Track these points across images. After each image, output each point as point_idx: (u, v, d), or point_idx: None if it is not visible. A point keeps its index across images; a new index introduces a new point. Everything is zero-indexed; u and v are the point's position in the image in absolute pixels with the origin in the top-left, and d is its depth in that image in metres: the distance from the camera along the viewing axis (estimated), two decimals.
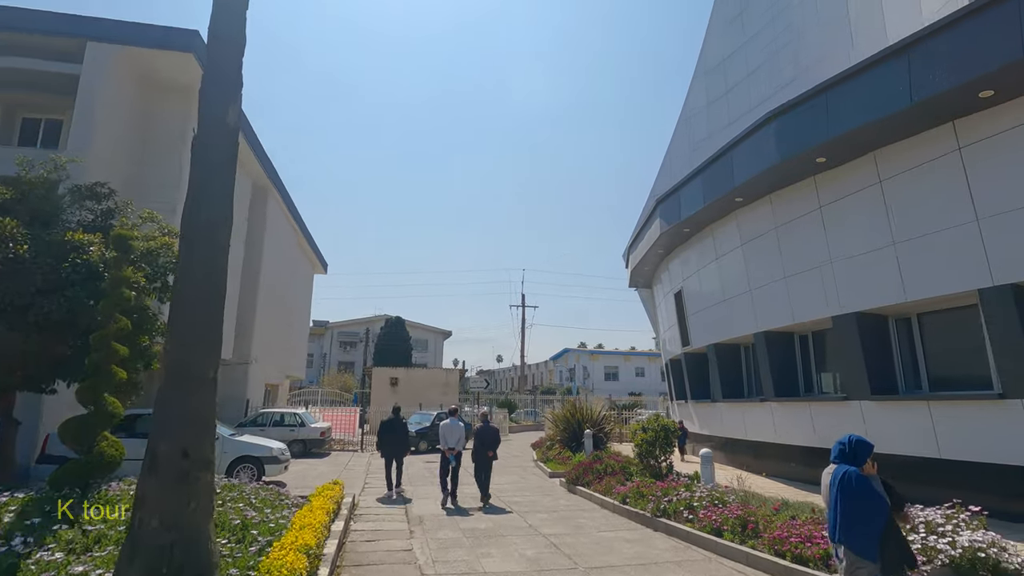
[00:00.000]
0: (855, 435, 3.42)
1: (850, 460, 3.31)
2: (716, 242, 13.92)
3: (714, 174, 12.40)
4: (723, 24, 22.33)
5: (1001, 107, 7.40)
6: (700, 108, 22.99)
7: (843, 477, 3.24)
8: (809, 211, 10.59)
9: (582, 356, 63.88)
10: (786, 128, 9.96)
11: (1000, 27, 6.74)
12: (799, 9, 18.16)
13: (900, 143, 8.76)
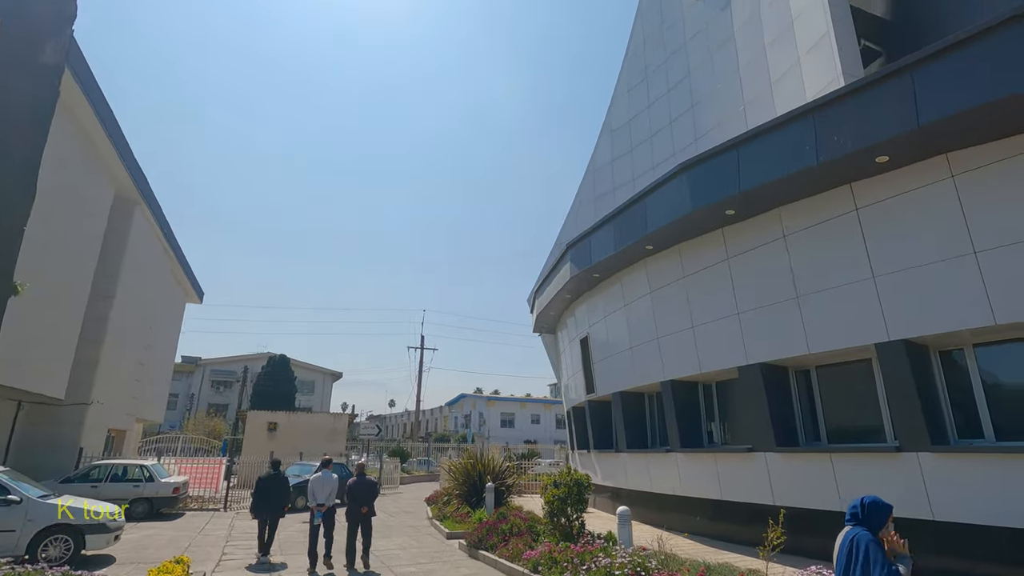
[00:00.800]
0: (871, 496, 2.89)
1: (864, 524, 2.79)
2: (625, 289, 13.92)
3: (626, 221, 12.44)
4: (627, 90, 23.63)
5: (895, 172, 7.92)
6: (606, 163, 23.90)
7: (852, 541, 2.70)
8: (717, 262, 10.80)
9: (479, 402, 62.61)
10: (698, 179, 10.16)
11: (896, 98, 7.22)
12: (697, 82, 19.60)
13: (803, 201, 9.17)
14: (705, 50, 19.29)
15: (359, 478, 9.03)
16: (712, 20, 19.13)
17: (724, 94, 18.04)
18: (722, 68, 18.36)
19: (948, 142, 7.21)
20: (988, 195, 7.04)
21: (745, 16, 17.59)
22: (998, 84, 6.33)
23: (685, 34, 20.52)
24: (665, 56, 21.57)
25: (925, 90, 6.94)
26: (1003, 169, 6.94)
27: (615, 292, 14.39)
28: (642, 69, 22.76)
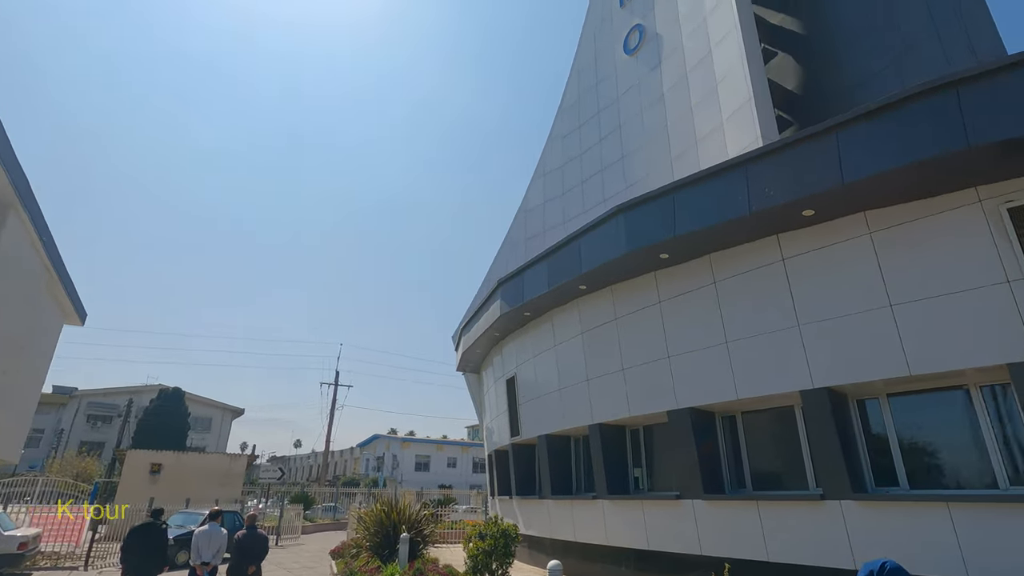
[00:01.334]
0: (892, 563, 2.58)
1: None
2: (556, 329, 13.72)
3: (560, 260, 12.35)
4: (561, 136, 24.27)
5: (820, 226, 8.31)
6: (538, 205, 24.18)
7: None
8: (649, 305, 10.85)
9: (393, 443, 59.88)
10: (634, 222, 10.25)
11: (823, 156, 7.63)
12: (628, 134, 20.45)
13: (734, 248, 9.43)
14: (636, 105, 20.23)
15: (248, 530, 7.98)
16: (644, 78, 20.18)
17: (653, 147, 18.88)
18: (652, 124, 19.27)
19: (867, 200, 7.67)
20: (901, 252, 7.50)
21: (674, 78, 18.67)
22: (910, 149, 6.82)
23: (618, 89, 21.49)
24: (598, 108, 22.44)
25: (849, 150, 7.38)
26: (914, 229, 7.43)
27: (545, 331, 14.16)
28: (576, 119, 23.52)
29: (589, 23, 24.45)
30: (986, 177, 6.84)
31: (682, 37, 18.73)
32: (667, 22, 19.70)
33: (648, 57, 20.25)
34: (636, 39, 21.01)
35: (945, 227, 7.17)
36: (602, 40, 23.17)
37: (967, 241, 6.99)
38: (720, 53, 16.69)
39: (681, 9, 19.10)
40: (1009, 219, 6.75)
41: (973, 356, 6.81)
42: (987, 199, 6.92)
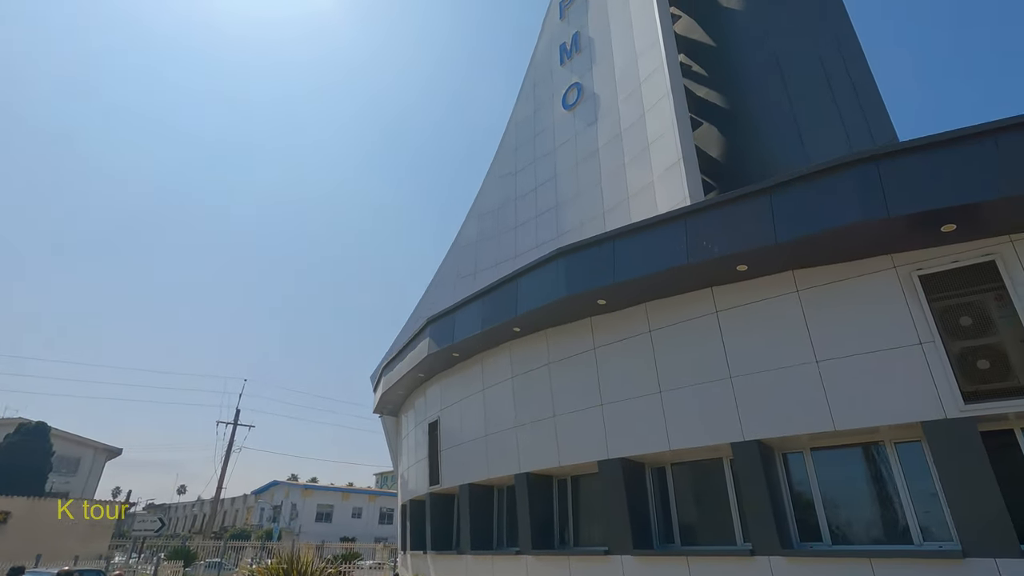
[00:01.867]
0: None
1: None
2: (486, 372, 13.28)
3: (495, 300, 12.07)
4: (498, 178, 24.55)
5: (752, 281, 8.62)
6: (471, 244, 24.02)
7: None
8: (584, 351, 10.74)
9: (293, 491, 55.43)
10: (575, 266, 10.23)
11: (758, 214, 7.98)
12: (562, 184, 20.97)
13: (670, 298, 9.58)
14: (572, 158, 20.89)
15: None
16: (580, 133, 20.96)
17: (586, 199, 19.43)
18: (586, 176, 19.91)
19: (796, 259, 8.06)
20: (826, 311, 7.88)
21: (609, 135, 19.52)
22: (836, 215, 7.27)
23: (555, 141, 22.16)
24: (535, 157, 22.96)
25: (781, 211, 7.77)
26: (838, 289, 7.86)
27: (474, 374, 13.66)
28: (514, 163, 23.91)
29: (530, 76, 25.32)
30: (900, 245, 7.39)
31: (618, 99, 19.74)
32: (604, 84, 20.75)
33: (585, 114, 21.13)
34: (575, 96, 21.92)
35: (865, 290, 7.64)
36: (542, 92, 24.00)
37: (884, 304, 7.46)
38: (653, 117, 17.68)
39: (618, 73, 20.22)
40: (920, 285, 7.29)
41: (890, 413, 7.15)
42: (901, 266, 7.47)
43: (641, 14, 19.79)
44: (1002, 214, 6.64)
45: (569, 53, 23.15)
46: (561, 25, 24.36)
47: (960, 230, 6.92)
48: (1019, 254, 6.78)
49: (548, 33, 25.10)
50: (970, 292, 7.06)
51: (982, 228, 6.88)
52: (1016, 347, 6.72)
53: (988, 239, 6.96)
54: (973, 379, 6.83)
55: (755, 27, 18.46)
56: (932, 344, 7.02)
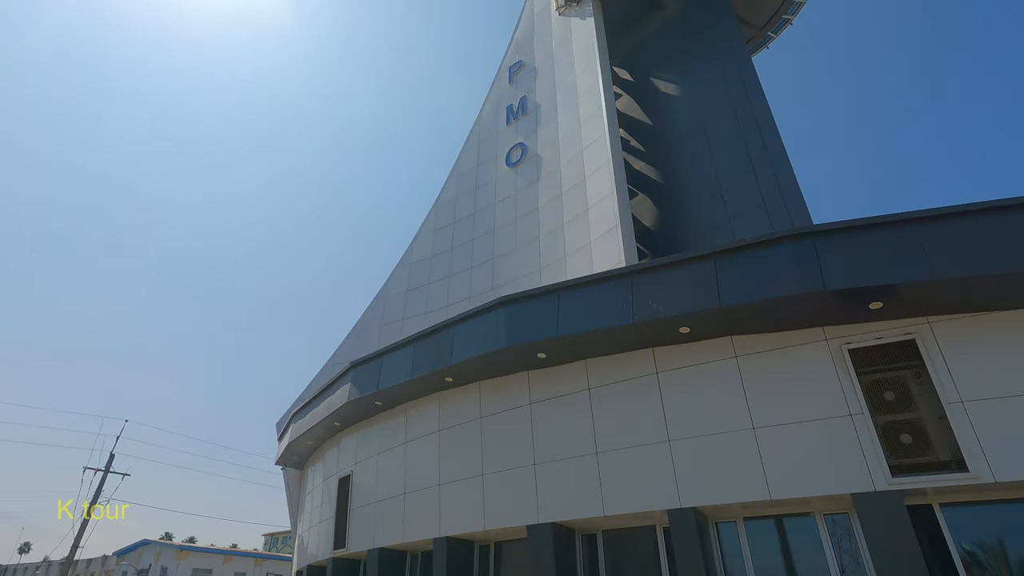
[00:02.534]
0: None
1: None
2: (410, 423, 12.42)
3: (429, 347, 11.47)
4: (434, 229, 24.25)
5: (694, 344, 8.68)
6: (400, 292, 23.26)
7: None
8: (519, 405, 10.30)
9: (165, 552, 48.95)
10: (517, 317, 9.95)
11: (704, 278, 8.14)
12: (501, 238, 21.04)
13: (612, 356, 9.46)
14: (512, 213, 21.10)
15: None
16: (522, 191, 21.32)
17: (524, 254, 19.52)
18: (525, 232, 20.09)
19: (737, 326, 8.23)
20: (763, 378, 8.02)
21: (550, 195, 19.96)
22: (777, 285, 7.54)
23: (496, 196, 22.38)
24: (475, 210, 23.00)
25: (726, 278, 7.97)
26: (774, 358, 8.06)
27: (397, 425, 12.75)
28: (452, 215, 23.80)
29: (475, 132, 25.76)
30: (832, 319, 7.74)
31: (560, 162, 20.39)
32: (548, 147, 21.43)
33: (528, 173, 21.61)
34: (518, 155, 22.44)
35: (800, 360, 7.88)
36: (486, 149, 24.41)
37: (817, 375, 7.69)
38: (594, 182, 18.31)
39: (562, 138, 20.98)
40: (849, 359, 7.60)
41: (822, 484, 7.22)
42: (832, 339, 7.80)
43: (587, 88, 20.86)
44: (922, 296, 7.14)
45: (515, 115, 23.89)
46: (509, 89, 25.23)
47: (886, 308, 7.35)
48: (936, 335, 7.27)
49: (496, 95, 25.89)
50: (893, 368, 7.44)
51: (904, 308, 7.35)
52: (934, 423, 7.06)
53: (910, 319, 7.43)
54: (898, 453, 7.07)
55: (687, 110, 19.98)
56: (861, 416, 7.26)
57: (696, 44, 20.56)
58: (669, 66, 21.33)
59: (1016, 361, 6.68)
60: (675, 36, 21.54)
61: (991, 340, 6.90)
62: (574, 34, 23.11)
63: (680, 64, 20.84)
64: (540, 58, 24.72)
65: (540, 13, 26.18)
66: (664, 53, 21.75)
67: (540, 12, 26.24)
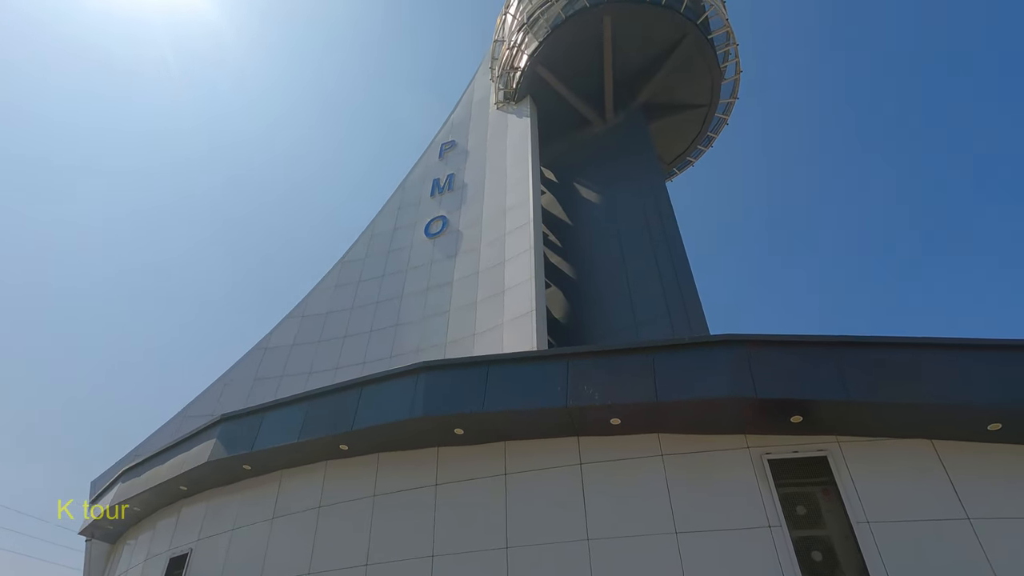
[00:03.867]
0: None
1: None
2: (283, 494, 10.65)
3: (326, 408, 10.20)
4: (335, 285, 22.87)
5: (622, 437, 8.46)
6: (284, 346, 21.16)
7: None
8: (422, 486, 9.24)
9: None
10: (438, 385, 9.20)
11: (643, 370, 8.12)
12: (408, 306, 20.24)
13: (534, 441, 8.92)
14: (424, 282, 20.54)
15: None
16: (437, 262, 20.99)
17: (431, 326, 18.83)
18: (435, 304, 19.53)
19: (666, 422, 8.19)
20: (688, 480, 7.92)
21: (466, 272, 19.82)
22: (711, 387, 7.71)
23: (410, 262, 21.80)
24: (384, 273, 22.12)
25: (664, 372, 8.02)
26: (699, 460, 8.04)
27: (266, 496, 10.86)
28: (358, 274, 22.68)
29: (396, 197, 25.44)
30: (757, 428, 7.98)
31: (481, 242, 20.53)
32: (470, 225, 21.59)
33: (446, 246, 21.44)
34: (439, 227, 22.32)
35: (724, 465, 7.92)
36: (406, 216, 24.06)
37: (739, 482, 7.75)
38: (513, 266, 18.51)
39: (485, 220, 21.29)
40: (769, 470, 7.78)
41: None
42: (754, 447, 7.99)
43: (516, 179, 21.68)
44: (836, 415, 7.62)
45: (441, 189, 24.07)
46: (439, 163, 25.59)
47: (805, 422, 7.73)
48: (845, 454, 7.71)
49: (424, 166, 26.08)
50: (807, 483, 7.70)
51: (820, 424, 7.77)
52: (842, 542, 7.28)
53: (824, 436, 7.85)
54: (810, 569, 7.13)
55: (604, 218, 21.34)
56: (779, 529, 7.31)
57: (618, 162, 22.50)
58: (592, 175, 22.98)
59: (917, 487, 7.20)
60: (600, 151, 23.46)
61: (895, 464, 7.43)
62: (510, 129, 24.35)
63: (602, 175, 22.55)
64: (473, 143, 25.58)
65: (479, 103, 27.48)
66: (588, 163, 23.49)
67: (479, 102, 27.56)
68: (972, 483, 6.98)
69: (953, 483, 7.07)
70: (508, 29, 25.85)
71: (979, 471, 7.06)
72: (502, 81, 25.55)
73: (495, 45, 27.04)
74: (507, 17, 26.38)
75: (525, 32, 23.98)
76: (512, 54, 24.81)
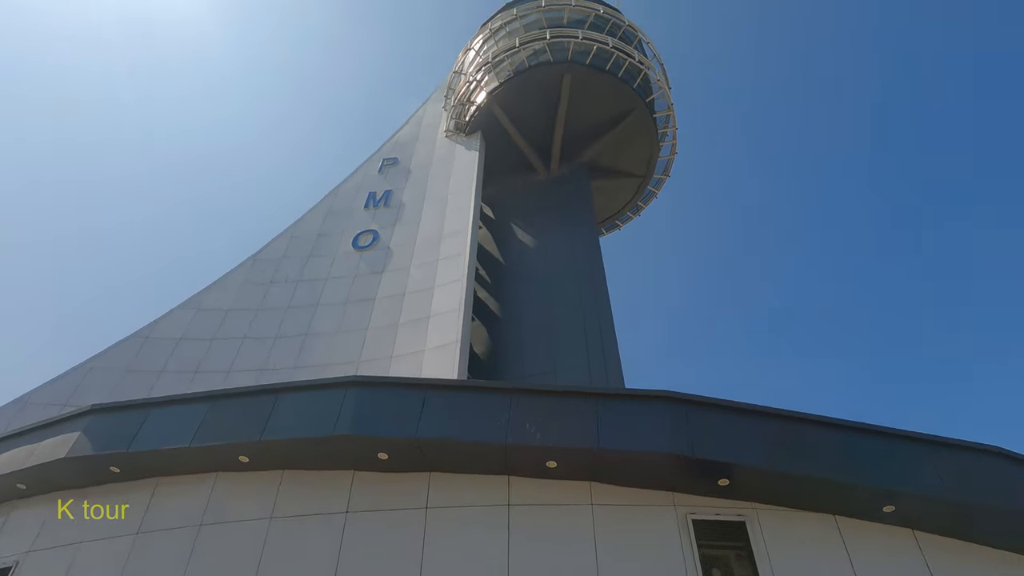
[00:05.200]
0: None
1: None
2: (155, 506, 9.22)
3: (233, 413, 9.16)
4: (244, 281, 21.06)
5: (555, 481, 8.26)
6: (170, 339, 19.07)
7: None
8: (332, 512, 8.39)
9: None
10: (370, 403, 8.58)
11: (584, 415, 8.09)
12: (323, 316, 19.10)
13: (461, 475, 8.47)
14: (344, 294, 19.53)
15: None
16: (362, 277, 20.10)
17: (345, 341, 17.83)
18: (353, 319, 18.57)
19: (601, 471, 8.15)
20: (616, 532, 7.87)
21: (392, 291, 19.13)
22: (653, 439, 7.83)
23: (331, 271, 20.70)
24: (300, 278, 20.79)
25: (606, 420, 8.04)
26: (628, 513, 8.05)
27: (133, 506, 9.32)
28: (271, 273, 21.12)
29: (326, 202, 24.29)
30: (685, 487, 8.15)
31: (412, 263, 20.00)
32: (403, 245, 21.01)
33: (374, 261, 20.64)
34: (368, 240, 21.51)
35: (651, 521, 7.97)
36: (334, 223, 22.98)
37: (664, 539, 7.81)
38: (442, 293, 18.15)
39: (419, 242, 20.84)
40: (693, 530, 7.93)
41: None
42: (680, 506, 8.13)
43: (456, 207, 21.57)
44: (757, 482, 7.99)
45: (377, 203, 23.35)
46: (377, 177, 24.91)
47: (731, 486, 8.02)
48: (761, 521, 8.05)
49: (361, 176, 25.26)
50: (725, 546, 7.93)
51: (742, 490, 8.10)
52: None
53: (744, 501, 8.17)
54: None
55: (536, 264, 21.71)
56: None
57: (556, 212, 23.17)
58: (529, 219, 23.42)
59: (820, 561, 7.64)
60: (540, 198, 24.08)
61: (804, 536, 7.86)
62: (456, 158, 24.39)
63: (539, 222, 23.05)
64: (416, 164, 25.26)
65: (428, 127, 27.36)
66: (528, 207, 23.98)
67: (428, 126, 27.45)
68: (869, 563, 7.53)
69: (852, 561, 7.58)
70: (470, 64, 26.25)
71: (876, 550, 7.65)
72: (455, 112, 25.72)
73: (453, 76, 27.30)
74: (470, 53, 26.83)
75: (487, 71, 24.46)
76: (470, 88, 25.14)
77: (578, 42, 22.88)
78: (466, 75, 25.95)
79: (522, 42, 23.54)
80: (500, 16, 26.18)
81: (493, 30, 25.60)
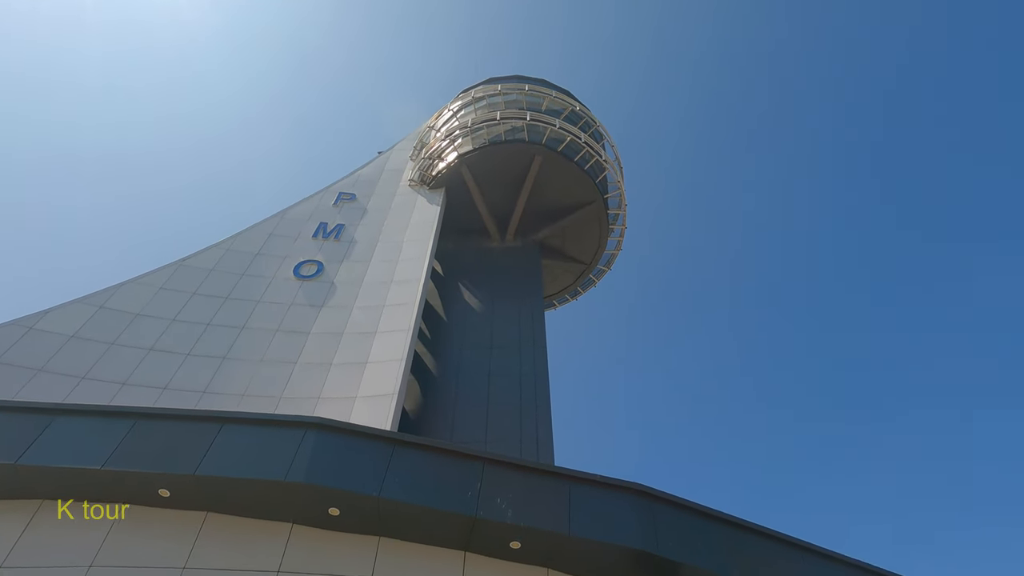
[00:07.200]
0: None
1: None
2: (32, 533, 7.70)
3: (164, 435, 8.03)
4: (161, 286, 19.13)
5: (513, 564, 7.87)
6: (61, 334, 16.83)
7: None
8: (262, 570, 7.42)
9: None
10: (329, 451, 7.89)
11: (556, 497, 7.92)
12: (248, 340, 17.69)
13: (415, 545, 7.86)
14: (275, 322, 18.27)
15: None
16: (299, 307, 19.01)
17: (269, 373, 16.48)
18: (281, 349, 17.32)
19: (557, 560, 7.88)
20: None
21: (330, 328, 18.17)
22: (623, 533, 7.77)
23: (265, 296, 19.38)
24: (228, 295, 19.24)
25: (578, 505, 7.91)
26: None
27: (5, 531, 7.75)
28: (195, 284, 19.39)
29: (271, 222, 23.08)
30: None
31: (355, 304, 19.21)
32: (348, 283, 20.22)
33: (314, 293, 19.63)
34: (312, 271, 20.54)
35: None
36: (277, 246, 21.79)
37: None
38: (383, 341, 17.50)
39: (366, 283, 20.17)
40: None
41: None
42: None
43: (410, 256, 21.31)
44: None
45: (327, 234, 22.53)
46: (331, 209, 24.19)
47: None
48: None
49: (314, 204, 24.43)
50: None
51: None
52: None
53: None
54: None
55: (480, 327, 21.61)
56: None
57: (505, 280, 23.50)
58: (478, 282, 23.53)
59: None
60: (492, 264, 24.40)
61: None
62: (416, 208, 24.35)
63: (488, 286, 23.21)
64: (374, 205, 24.89)
65: (392, 171, 27.30)
66: (478, 270, 24.15)
67: (392, 171, 27.39)
68: None
69: None
70: (444, 123, 26.91)
71: None
72: (423, 164, 25.96)
73: (427, 130, 27.80)
74: (447, 113, 27.58)
75: (464, 134, 25.15)
76: (442, 146, 25.62)
77: (554, 129, 24.27)
78: (439, 133, 26.51)
79: (503, 116, 24.59)
80: (483, 87, 27.34)
81: (475, 98, 26.59)
